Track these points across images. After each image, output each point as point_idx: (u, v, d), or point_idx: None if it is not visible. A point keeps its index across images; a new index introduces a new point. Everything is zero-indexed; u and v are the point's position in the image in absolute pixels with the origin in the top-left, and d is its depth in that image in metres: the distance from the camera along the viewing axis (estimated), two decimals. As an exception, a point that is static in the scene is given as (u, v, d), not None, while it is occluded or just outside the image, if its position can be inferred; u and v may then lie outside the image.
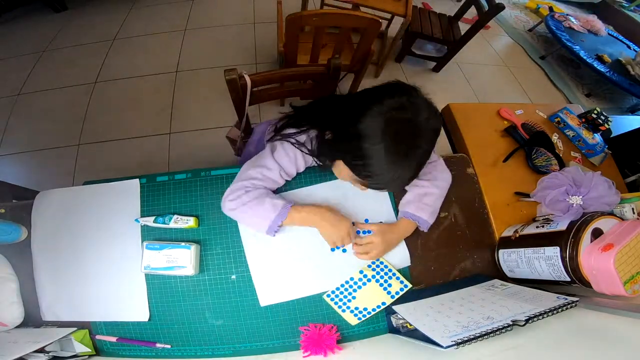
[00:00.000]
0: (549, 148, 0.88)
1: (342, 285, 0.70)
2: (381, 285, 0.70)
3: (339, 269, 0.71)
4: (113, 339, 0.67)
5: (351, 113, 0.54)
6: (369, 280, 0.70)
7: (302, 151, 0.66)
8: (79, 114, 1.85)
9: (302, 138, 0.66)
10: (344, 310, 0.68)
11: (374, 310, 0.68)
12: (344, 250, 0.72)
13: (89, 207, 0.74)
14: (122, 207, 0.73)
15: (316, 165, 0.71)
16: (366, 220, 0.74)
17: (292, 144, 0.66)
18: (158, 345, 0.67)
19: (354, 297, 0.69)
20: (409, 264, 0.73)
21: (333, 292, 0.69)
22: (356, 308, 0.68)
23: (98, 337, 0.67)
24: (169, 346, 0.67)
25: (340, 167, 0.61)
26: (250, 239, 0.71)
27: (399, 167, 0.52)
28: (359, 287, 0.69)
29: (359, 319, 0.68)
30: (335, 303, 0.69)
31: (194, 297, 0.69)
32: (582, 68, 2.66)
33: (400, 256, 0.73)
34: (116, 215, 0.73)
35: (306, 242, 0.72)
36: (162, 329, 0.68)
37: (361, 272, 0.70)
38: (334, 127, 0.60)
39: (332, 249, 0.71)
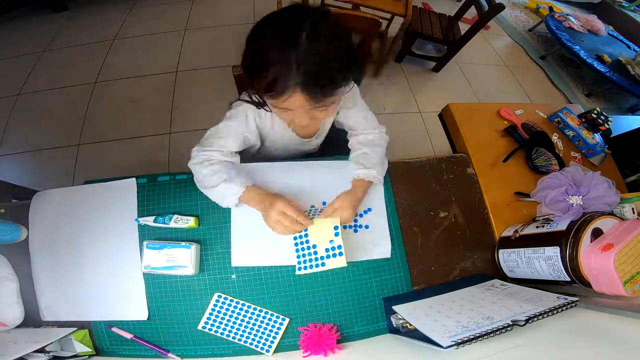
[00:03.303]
0: (549, 148, 0.88)
1: (297, 251, 0.67)
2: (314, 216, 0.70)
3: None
4: (129, 336, 0.66)
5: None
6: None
7: (245, 101, 0.68)
8: (79, 114, 1.85)
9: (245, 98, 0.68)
10: (323, 264, 0.64)
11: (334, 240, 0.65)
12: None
13: (86, 206, 0.74)
14: (120, 207, 0.73)
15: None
16: (324, 203, 0.75)
17: (235, 103, 0.72)
18: (170, 355, 0.66)
19: (314, 245, 0.66)
20: (389, 256, 0.73)
21: (299, 262, 0.66)
22: (327, 250, 0.65)
23: (114, 329, 0.67)
24: (178, 359, 0.66)
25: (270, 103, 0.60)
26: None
27: (292, 50, 0.48)
28: (306, 236, 0.67)
29: (340, 254, 0.64)
30: (311, 267, 0.65)
31: (194, 296, 0.69)
32: (582, 68, 2.66)
33: (382, 249, 0.73)
34: (114, 214, 0.73)
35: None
36: (161, 329, 0.68)
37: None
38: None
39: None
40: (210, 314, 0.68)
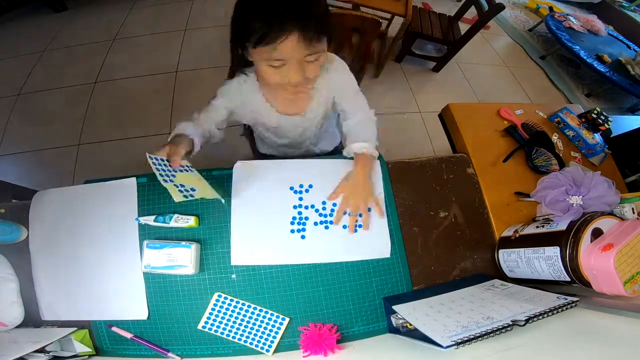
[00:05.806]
0: (549, 148, 0.88)
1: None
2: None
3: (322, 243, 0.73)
4: (129, 335, 0.66)
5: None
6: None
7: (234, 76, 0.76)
8: (79, 114, 1.85)
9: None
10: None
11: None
12: (303, 237, 0.72)
13: (86, 206, 0.74)
14: (120, 206, 0.73)
15: None
16: (323, 202, 0.76)
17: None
18: (170, 354, 0.66)
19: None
20: (389, 256, 0.73)
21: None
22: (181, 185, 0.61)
23: (114, 329, 0.67)
24: (178, 359, 0.66)
25: (253, 57, 0.65)
26: (240, 199, 0.74)
27: None
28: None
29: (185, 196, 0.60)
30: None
31: (194, 296, 0.69)
32: (582, 68, 2.66)
33: (381, 248, 0.73)
34: (114, 214, 0.73)
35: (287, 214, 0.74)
36: (161, 328, 0.68)
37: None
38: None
39: (292, 231, 0.73)
40: (210, 313, 0.68)
